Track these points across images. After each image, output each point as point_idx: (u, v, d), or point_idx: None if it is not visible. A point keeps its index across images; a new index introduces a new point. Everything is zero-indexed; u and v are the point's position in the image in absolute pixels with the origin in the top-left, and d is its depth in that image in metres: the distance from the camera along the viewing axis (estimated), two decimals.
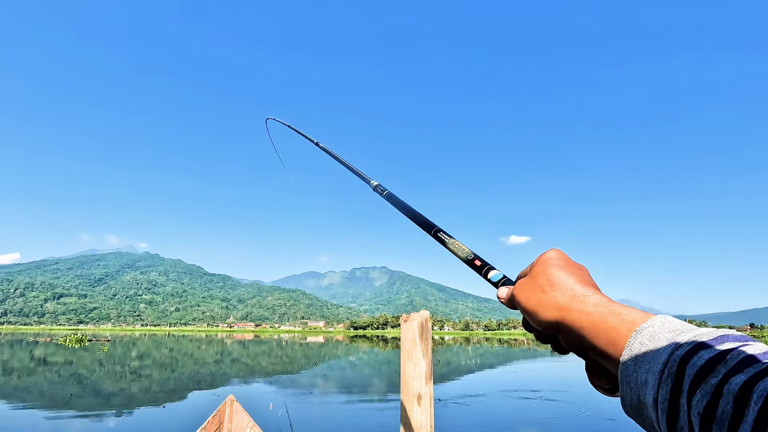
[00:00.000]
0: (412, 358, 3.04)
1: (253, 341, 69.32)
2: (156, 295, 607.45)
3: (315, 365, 24.99)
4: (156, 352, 35.76)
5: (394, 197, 0.85)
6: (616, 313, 0.63)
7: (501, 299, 0.63)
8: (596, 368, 0.63)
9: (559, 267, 0.65)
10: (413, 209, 0.78)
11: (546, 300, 0.64)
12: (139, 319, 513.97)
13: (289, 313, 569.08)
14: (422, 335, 3.05)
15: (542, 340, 0.65)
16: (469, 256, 0.69)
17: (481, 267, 0.68)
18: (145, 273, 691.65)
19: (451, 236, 0.69)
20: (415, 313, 3.19)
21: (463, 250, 0.69)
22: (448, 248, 0.70)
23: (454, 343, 67.99)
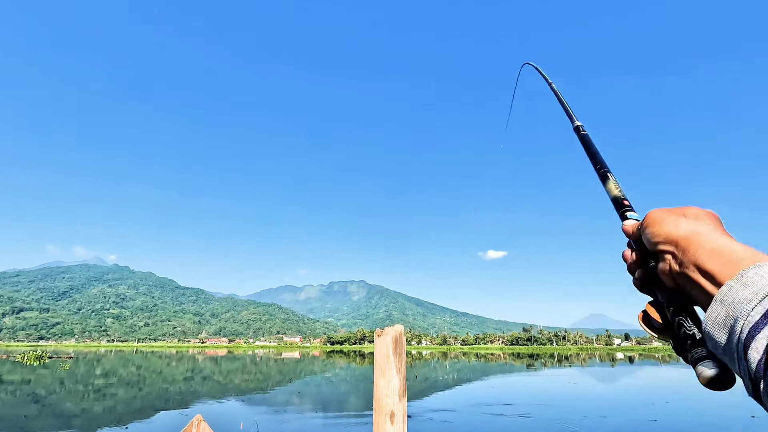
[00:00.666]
0: (386, 375, 2.97)
1: (226, 357, 67.29)
2: (124, 310, 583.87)
3: (289, 382, 24.40)
4: (122, 370, 34.21)
5: (588, 140, 0.92)
6: (749, 249, 0.67)
7: (625, 227, 0.68)
8: (659, 304, 0.68)
9: (711, 215, 0.68)
10: (599, 154, 0.86)
11: (682, 221, 0.68)
12: (105, 334, 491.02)
13: (265, 328, 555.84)
14: (396, 350, 3.00)
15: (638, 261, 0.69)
16: (619, 196, 0.76)
17: (627, 207, 0.73)
18: (114, 286, 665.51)
19: (612, 174, 0.80)
20: (389, 328, 3.14)
21: (618, 190, 0.78)
22: (606, 186, 0.80)
23: (431, 358, 67.75)
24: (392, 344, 3.05)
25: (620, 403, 16.17)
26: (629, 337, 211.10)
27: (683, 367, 41.84)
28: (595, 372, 35.00)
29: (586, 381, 25.86)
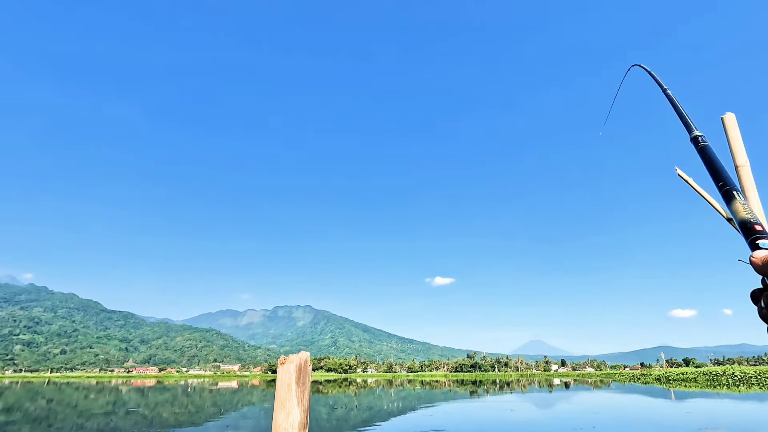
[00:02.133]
0: (286, 407, 2.80)
1: (154, 388, 61.90)
2: (37, 335, 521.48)
3: (222, 415, 22.89)
4: (29, 404, 30.34)
5: (709, 152, 0.78)
6: None
7: (754, 258, 0.61)
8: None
9: None
10: (723, 169, 0.73)
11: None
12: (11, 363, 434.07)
13: (200, 356, 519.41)
14: (299, 380, 2.89)
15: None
16: (748, 219, 0.67)
17: (759, 233, 0.67)
18: (27, 308, 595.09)
19: (741, 195, 0.68)
20: (294, 355, 3.02)
21: (748, 213, 0.67)
22: (731, 206, 0.68)
23: (377, 386, 66.63)
24: (296, 373, 2.89)
25: (552, 427, 16.79)
26: (565, 363, 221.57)
27: (613, 391, 44.40)
28: (533, 398, 36.15)
29: (523, 407, 26.63)
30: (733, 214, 0.69)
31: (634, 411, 23.55)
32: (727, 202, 0.70)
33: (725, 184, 0.71)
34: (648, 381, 74.30)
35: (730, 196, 0.70)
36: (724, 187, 0.71)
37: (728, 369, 72.09)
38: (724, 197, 0.71)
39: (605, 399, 33.20)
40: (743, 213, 0.67)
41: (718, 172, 0.73)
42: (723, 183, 0.71)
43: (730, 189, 0.71)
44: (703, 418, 19.11)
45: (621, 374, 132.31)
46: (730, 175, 0.74)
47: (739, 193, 0.71)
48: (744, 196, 0.71)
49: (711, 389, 44.92)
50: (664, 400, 31.72)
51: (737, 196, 0.69)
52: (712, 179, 0.74)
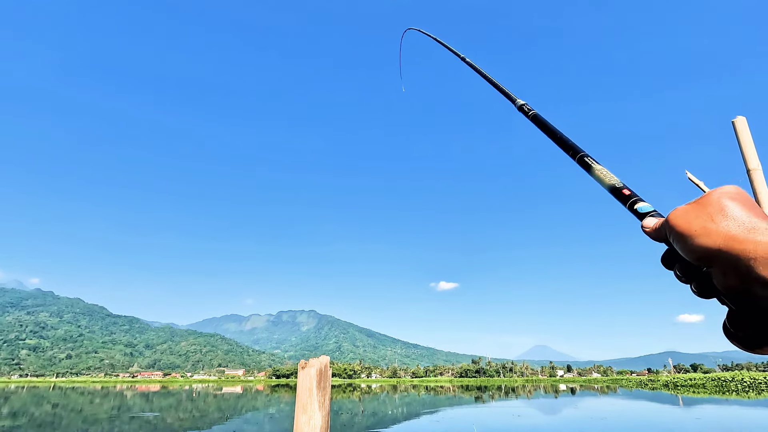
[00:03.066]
0: (307, 411, 2.83)
1: (159, 393, 61.97)
2: (43, 340, 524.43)
3: (228, 419, 22.83)
4: (34, 409, 30.44)
5: (539, 118, 0.78)
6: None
7: (646, 228, 0.61)
8: (739, 316, 0.63)
9: (735, 200, 0.62)
10: (560, 132, 0.71)
11: (713, 228, 0.61)
12: (18, 368, 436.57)
13: (205, 361, 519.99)
14: (320, 384, 2.90)
15: (686, 275, 0.63)
16: (616, 184, 0.66)
17: (629, 197, 0.67)
18: (33, 313, 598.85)
19: (597, 162, 0.66)
20: (314, 359, 3.03)
21: (611, 177, 0.66)
22: (593, 175, 0.67)
23: (381, 392, 66.29)
24: (317, 377, 2.92)
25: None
26: (571, 369, 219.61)
27: (619, 397, 43.91)
28: (539, 404, 35.82)
29: (530, 413, 26.37)
30: (599, 182, 0.67)
31: (643, 417, 23.25)
32: (588, 171, 0.68)
33: (576, 152, 0.68)
34: (656, 387, 73.45)
35: (586, 164, 0.67)
36: (576, 155, 0.68)
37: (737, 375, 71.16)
38: (583, 167, 0.68)
39: (612, 405, 32.83)
40: (608, 179, 0.65)
41: (564, 141, 0.70)
42: (573, 151, 0.68)
43: (583, 156, 0.68)
44: (714, 424, 18.84)
45: (628, 380, 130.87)
46: (576, 143, 0.71)
47: (593, 158, 0.69)
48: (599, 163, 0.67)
49: (720, 395, 44.32)
50: (672, 406, 31.32)
51: (594, 163, 0.67)
52: (564, 150, 0.71)
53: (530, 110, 0.84)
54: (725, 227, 0.61)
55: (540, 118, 0.78)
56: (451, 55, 1.42)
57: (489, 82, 1.12)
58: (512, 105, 0.96)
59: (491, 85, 1.11)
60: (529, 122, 0.82)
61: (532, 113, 0.83)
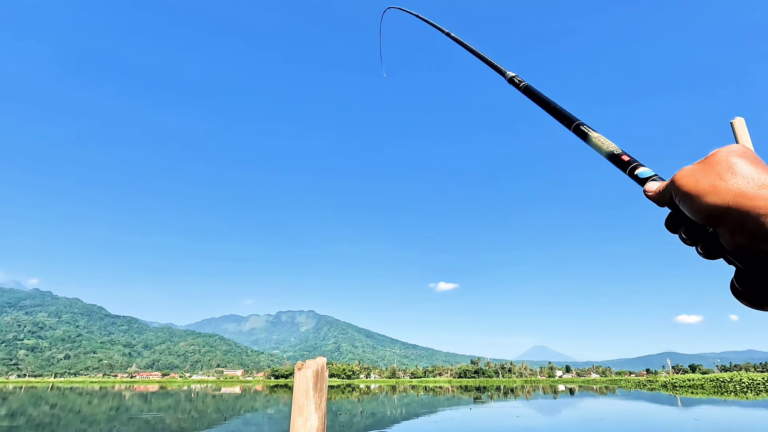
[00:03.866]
0: (303, 412, 2.80)
1: (157, 393, 61.88)
2: (42, 340, 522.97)
3: (226, 420, 22.79)
4: (32, 409, 30.37)
5: (531, 90, 0.75)
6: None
7: (648, 192, 0.60)
8: (747, 275, 0.62)
9: (743, 157, 0.61)
10: (554, 102, 0.67)
11: (721, 185, 0.60)
12: (15, 368, 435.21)
13: (204, 361, 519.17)
14: (316, 385, 2.89)
15: (691, 237, 0.62)
16: (614, 151, 0.62)
17: (628, 163, 0.64)
18: (31, 313, 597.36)
19: (594, 130, 0.63)
20: (311, 360, 2.99)
21: (608, 144, 0.63)
22: (590, 143, 0.64)
23: (380, 392, 66.26)
24: (313, 378, 2.89)
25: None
26: (570, 369, 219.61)
27: (618, 398, 43.93)
28: (538, 404, 35.82)
29: (528, 414, 26.38)
30: (596, 149, 0.64)
31: (641, 418, 23.27)
32: (585, 140, 0.64)
33: (571, 121, 0.65)
34: (654, 387, 73.53)
35: (582, 132, 0.64)
36: (571, 124, 0.65)
37: (735, 375, 71.22)
38: (579, 135, 0.65)
39: (611, 406, 32.85)
40: (607, 146, 0.63)
41: (557, 111, 0.66)
42: (568, 120, 0.64)
43: (579, 124, 0.65)
44: (712, 425, 18.86)
45: (626, 381, 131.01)
46: (570, 112, 0.68)
47: (588, 126, 0.66)
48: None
49: (718, 396, 44.37)
50: (671, 407, 31.35)
51: (590, 130, 0.64)
52: (558, 120, 0.67)
53: (521, 82, 0.81)
54: (734, 184, 0.59)
55: (532, 90, 0.75)
56: (439, 38, 1.34)
57: (477, 57, 1.08)
58: (503, 78, 0.93)
59: (480, 59, 1.07)
60: (523, 96, 0.78)
61: (524, 85, 0.80)
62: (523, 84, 0.79)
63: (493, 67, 0.98)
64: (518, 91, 0.80)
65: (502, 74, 0.92)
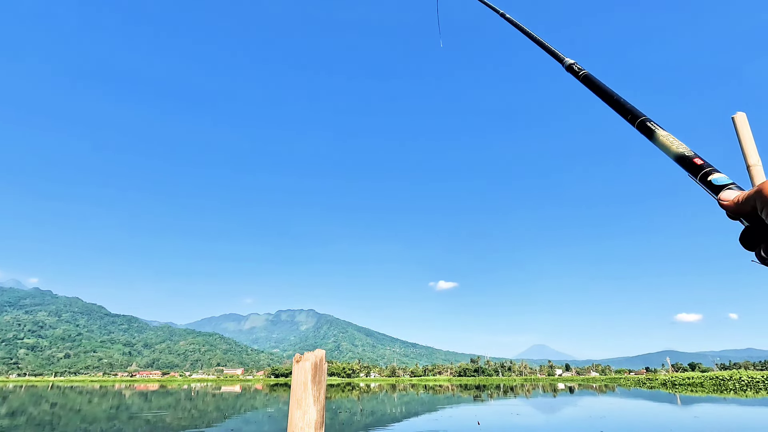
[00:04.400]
0: (302, 405, 2.77)
1: (157, 392, 61.94)
2: (42, 339, 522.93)
3: (226, 419, 22.81)
4: (33, 408, 30.38)
5: (592, 79, 0.68)
6: None
7: (725, 202, 0.53)
8: None
9: None
10: (617, 94, 0.60)
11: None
12: (16, 367, 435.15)
13: (204, 360, 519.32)
14: (315, 378, 2.87)
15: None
16: (685, 153, 0.55)
17: (701, 167, 0.57)
18: (31, 312, 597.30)
19: (661, 127, 0.56)
20: (309, 353, 2.98)
21: (678, 145, 0.55)
22: (656, 142, 0.57)
23: (380, 391, 66.31)
24: (312, 371, 2.87)
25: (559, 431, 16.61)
26: (569, 368, 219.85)
27: (618, 396, 43.98)
28: (538, 402, 35.86)
29: (529, 412, 26.41)
30: (664, 150, 0.56)
31: (641, 415, 23.30)
32: (650, 137, 0.57)
33: (636, 116, 0.56)
34: (653, 386, 73.62)
35: (648, 130, 0.55)
36: (635, 119, 0.57)
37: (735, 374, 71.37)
38: (644, 132, 0.58)
39: (611, 404, 32.89)
40: (675, 146, 0.55)
41: (621, 104, 0.58)
42: (632, 115, 0.56)
43: (644, 120, 0.57)
44: (712, 423, 18.89)
45: (626, 379, 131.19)
46: (632, 104, 0.60)
47: (654, 122, 0.59)
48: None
49: (718, 394, 44.44)
50: (670, 405, 31.40)
51: (657, 128, 0.56)
52: (620, 114, 0.60)
53: (581, 70, 0.73)
54: None
55: (592, 79, 0.68)
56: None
57: (533, 41, 0.99)
58: (560, 65, 0.85)
59: (536, 43, 0.98)
60: (580, 84, 0.71)
61: (584, 74, 0.72)
62: (583, 73, 0.71)
63: (550, 52, 0.89)
64: (576, 79, 0.73)
65: (560, 60, 0.84)
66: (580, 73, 0.72)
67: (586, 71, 0.71)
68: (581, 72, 0.72)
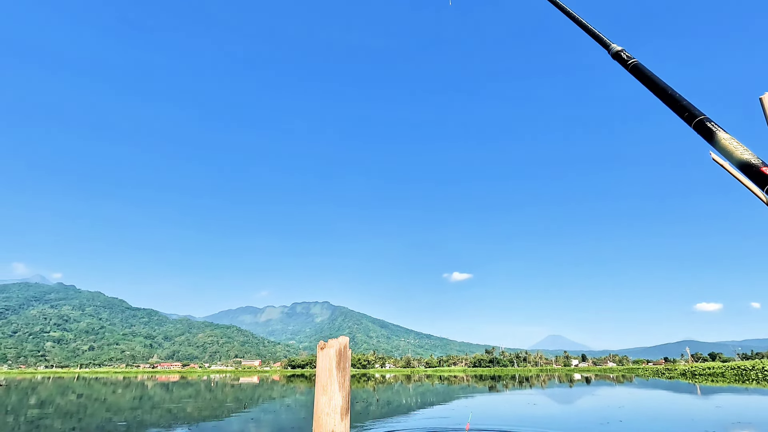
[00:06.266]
0: (327, 391, 2.78)
1: (178, 383, 63.49)
2: (67, 332, 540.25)
3: (245, 409, 23.28)
4: (60, 398, 31.47)
5: (642, 70, 0.56)
6: None
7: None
8: None
9: None
10: (671, 88, 0.49)
11: None
12: (43, 359, 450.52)
13: (222, 352, 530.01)
14: (339, 364, 2.88)
15: None
16: (751, 160, 0.44)
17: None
18: (56, 306, 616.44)
19: (723, 129, 0.43)
20: (333, 340, 2.98)
21: (742, 151, 0.43)
22: (716, 146, 0.46)
23: (395, 382, 66.80)
24: (336, 357, 2.87)
25: (577, 422, 16.50)
26: (586, 358, 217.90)
27: (636, 387, 43.47)
28: (554, 393, 35.67)
29: (546, 402, 26.29)
30: (725, 154, 0.45)
31: (661, 405, 22.99)
32: (707, 138, 0.48)
33: (693, 114, 0.46)
34: (673, 376, 72.53)
35: (708, 130, 0.45)
36: (693, 118, 0.46)
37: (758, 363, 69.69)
38: (701, 133, 0.48)
39: (629, 394, 32.53)
40: (739, 152, 0.44)
41: (676, 100, 0.46)
42: (689, 113, 0.46)
43: (703, 120, 0.47)
44: (735, 412, 18.52)
45: (644, 369, 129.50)
46: (688, 100, 0.47)
47: (714, 122, 0.48)
48: None
49: (740, 384, 43.52)
50: (690, 395, 30.89)
51: (718, 129, 0.46)
52: (674, 110, 0.49)
53: (630, 58, 0.63)
54: None
55: (643, 69, 0.58)
56: None
57: (577, 24, 0.84)
58: (606, 52, 0.72)
59: (580, 27, 0.83)
60: (627, 74, 0.62)
61: (633, 63, 0.62)
62: (633, 62, 0.62)
63: (596, 38, 0.75)
64: (624, 69, 0.62)
65: (606, 47, 0.71)
66: (629, 62, 0.63)
67: (636, 60, 0.61)
68: (630, 61, 0.63)
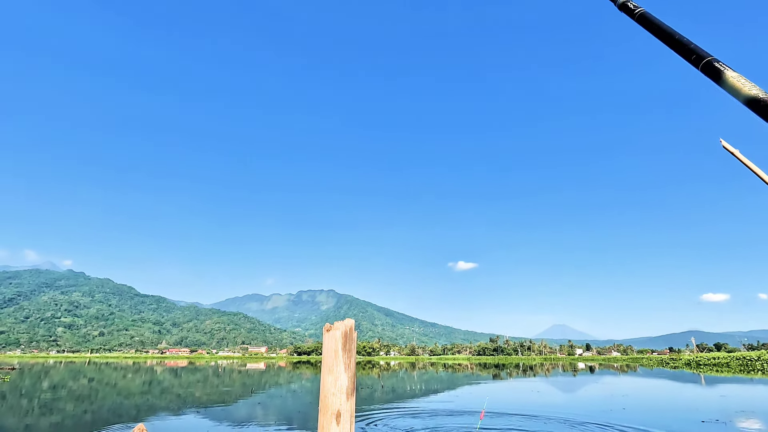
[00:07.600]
0: (333, 372, 2.82)
1: (186, 368, 64.60)
2: (77, 318, 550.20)
3: (252, 394, 23.68)
4: (72, 382, 32.18)
5: (649, 18, 0.63)
6: None
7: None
8: None
9: None
10: (678, 33, 0.55)
11: None
12: (55, 344, 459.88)
13: (229, 338, 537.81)
14: (345, 346, 2.91)
15: None
16: (759, 95, 0.50)
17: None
18: (67, 293, 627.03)
19: (730, 68, 0.50)
20: (339, 322, 2.99)
21: (750, 87, 0.50)
22: (724, 85, 0.51)
23: (399, 369, 67.51)
24: (342, 339, 2.92)
25: (580, 410, 16.60)
26: (590, 347, 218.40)
27: (640, 376, 43.58)
28: (558, 381, 35.88)
29: (549, 390, 26.47)
30: (733, 92, 0.50)
31: (665, 394, 23.06)
32: (714, 79, 0.52)
33: (701, 56, 0.51)
34: (677, 366, 72.60)
35: (715, 71, 0.50)
36: (700, 60, 0.51)
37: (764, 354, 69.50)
38: (709, 74, 0.52)
39: (633, 383, 32.64)
40: (747, 88, 0.49)
41: (683, 44, 0.52)
42: (697, 56, 0.51)
43: (711, 61, 0.52)
44: (740, 402, 18.54)
45: (648, 359, 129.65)
46: (696, 44, 0.55)
47: (722, 62, 0.54)
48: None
49: (744, 375, 43.48)
50: (694, 384, 30.94)
51: (726, 68, 0.51)
52: (682, 55, 0.56)
53: (637, 8, 0.68)
54: None
55: (649, 17, 0.63)
56: None
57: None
58: (612, 4, 0.76)
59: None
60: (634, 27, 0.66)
61: (639, 12, 0.67)
62: (639, 11, 0.66)
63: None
64: (631, 19, 0.66)
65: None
66: (636, 12, 0.67)
67: (642, 9, 0.66)
68: (637, 10, 0.66)
